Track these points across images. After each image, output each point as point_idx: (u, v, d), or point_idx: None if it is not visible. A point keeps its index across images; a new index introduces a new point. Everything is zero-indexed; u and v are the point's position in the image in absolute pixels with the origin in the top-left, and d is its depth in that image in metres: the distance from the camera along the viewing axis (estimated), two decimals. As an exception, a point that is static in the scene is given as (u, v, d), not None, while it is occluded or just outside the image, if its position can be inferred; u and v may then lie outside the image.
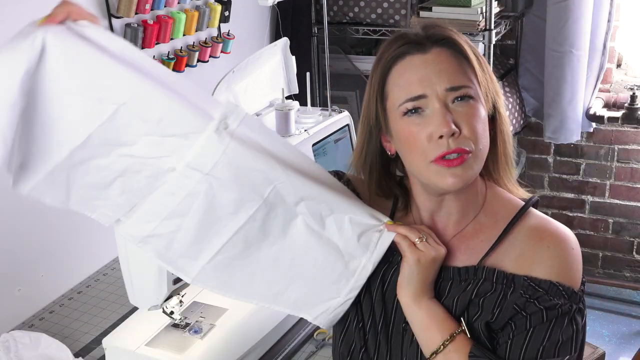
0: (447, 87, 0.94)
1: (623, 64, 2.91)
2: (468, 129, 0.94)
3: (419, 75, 0.96)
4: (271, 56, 1.71)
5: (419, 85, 0.95)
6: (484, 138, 0.96)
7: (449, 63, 0.96)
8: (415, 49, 0.97)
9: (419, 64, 0.97)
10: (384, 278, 1.05)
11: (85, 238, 1.91)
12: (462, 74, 0.96)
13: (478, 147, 0.95)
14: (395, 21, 2.59)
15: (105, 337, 1.48)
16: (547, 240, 0.99)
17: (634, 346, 2.73)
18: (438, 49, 0.97)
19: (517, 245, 1.00)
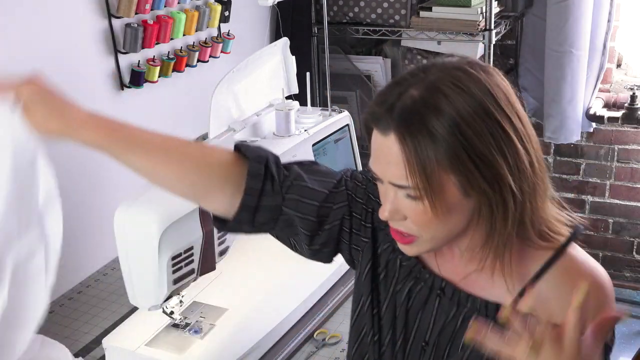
0: (390, 181, 0.89)
1: (623, 64, 2.91)
2: (413, 222, 0.90)
3: (374, 154, 0.91)
4: (271, 56, 1.71)
5: (373, 164, 0.92)
6: (439, 227, 0.90)
7: (398, 156, 0.86)
8: (377, 125, 0.89)
9: (376, 145, 0.90)
10: (410, 294, 1.02)
11: (85, 238, 1.90)
12: (412, 170, 0.85)
13: (428, 235, 0.91)
14: (395, 21, 2.59)
15: (105, 337, 1.48)
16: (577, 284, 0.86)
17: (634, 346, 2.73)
18: (394, 136, 0.86)
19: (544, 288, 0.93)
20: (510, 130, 0.86)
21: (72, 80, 1.83)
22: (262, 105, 1.70)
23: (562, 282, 0.93)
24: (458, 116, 0.83)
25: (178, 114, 2.23)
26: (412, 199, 0.88)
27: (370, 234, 1.07)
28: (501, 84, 0.88)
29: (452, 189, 0.86)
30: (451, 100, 0.84)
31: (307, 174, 1.09)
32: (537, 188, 0.91)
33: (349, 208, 1.07)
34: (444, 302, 1.00)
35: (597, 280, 0.94)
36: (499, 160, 0.85)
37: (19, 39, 1.67)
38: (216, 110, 1.55)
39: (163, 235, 1.23)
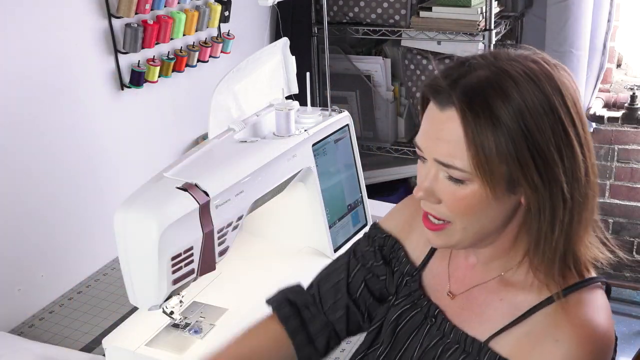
0: (435, 158, 0.86)
1: (623, 64, 2.91)
2: (448, 207, 0.88)
3: (426, 128, 0.88)
4: (271, 56, 1.70)
5: (422, 139, 0.89)
6: (474, 217, 0.87)
7: (453, 133, 0.82)
8: (436, 99, 0.86)
9: (430, 119, 0.87)
10: (401, 316, 1.04)
11: (85, 238, 1.91)
12: (463, 151, 0.82)
13: (461, 224, 0.88)
14: (395, 21, 2.58)
15: (105, 337, 1.48)
16: (560, 332, 0.84)
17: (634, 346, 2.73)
18: (453, 112, 0.83)
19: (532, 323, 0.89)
20: (572, 133, 0.83)
21: (72, 80, 1.83)
22: (262, 105, 1.70)
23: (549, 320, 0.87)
24: (524, 105, 0.80)
25: (178, 114, 2.23)
26: (454, 181, 0.85)
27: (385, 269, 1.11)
28: (571, 86, 0.86)
29: (499, 180, 0.83)
30: (520, 88, 0.81)
31: (323, 274, 1.17)
32: (588, 203, 0.87)
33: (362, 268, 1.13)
34: (432, 330, 1.01)
35: (583, 335, 0.84)
36: (556, 159, 0.82)
37: (19, 39, 1.67)
38: (216, 110, 1.55)
39: (163, 235, 1.23)
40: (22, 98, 1.70)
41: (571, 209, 0.85)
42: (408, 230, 1.11)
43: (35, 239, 1.77)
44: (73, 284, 1.85)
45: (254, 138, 1.57)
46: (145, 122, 2.11)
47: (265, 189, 1.51)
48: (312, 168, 1.67)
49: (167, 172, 1.35)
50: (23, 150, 1.72)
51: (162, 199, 1.27)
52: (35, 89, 1.73)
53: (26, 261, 1.75)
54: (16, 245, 1.72)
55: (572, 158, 0.83)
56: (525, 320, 0.89)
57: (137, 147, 2.08)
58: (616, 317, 2.94)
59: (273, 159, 1.52)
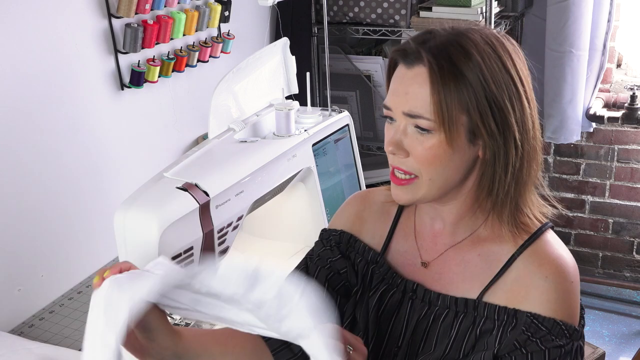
0: (403, 111, 0.94)
1: (623, 64, 2.91)
2: (416, 158, 0.94)
3: (394, 87, 0.96)
4: (271, 56, 1.70)
5: (390, 97, 0.97)
6: (439, 169, 0.94)
7: (421, 86, 0.92)
8: (403, 60, 0.95)
9: (399, 78, 0.96)
10: (381, 299, 1.05)
11: (85, 238, 1.91)
12: (428, 102, 0.91)
13: (427, 175, 0.95)
14: (395, 21, 2.59)
15: (105, 337, 1.48)
16: (545, 269, 0.96)
17: (634, 346, 2.73)
18: (421, 69, 0.92)
19: (515, 269, 0.98)
20: (521, 90, 0.95)
21: (72, 80, 1.83)
22: (262, 105, 1.70)
23: (531, 263, 0.97)
24: (482, 62, 0.92)
25: (178, 114, 2.23)
26: (421, 132, 0.93)
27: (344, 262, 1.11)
28: (517, 52, 0.98)
29: (460, 129, 0.92)
30: (479, 48, 0.93)
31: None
32: (535, 154, 0.98)
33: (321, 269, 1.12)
34: (416, 304, 1.03)
35: (561, 267, 0.97)
36: (509, 109, 0.93)
37: (19, 38, 1.67)
38: (216, 110, 1.55)
39: (163, 235, 1.23)
40: (22, 98, 1.70)
41: (521, 156, 0.95)
42: (360, 224, 1.13)
43: (36, 239, 1.77)
44: (73, 284, 1.85)
45: (254, 138, 1.57)
46: (145, 122, 2.11)
47: (265, 189, 1.51)
48: (312, 168, 1.67)
49: (167, 172, 1.35)
50: (23, 150, 1.72)
51: (162, 199, 1.27)
52: (35, 88, 1.73)
53: (26, 261, 1.75)
54: (16, 246, 1.72)
55: (521, 110, 0.94)
56: (509, 269, 0.98)
57: (137, 147, 2.08)
58: (616, 317, 2.96)
59: (273, 159, 1.52)
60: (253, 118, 1.63)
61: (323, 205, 1.72)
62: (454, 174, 0.96)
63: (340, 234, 1.13)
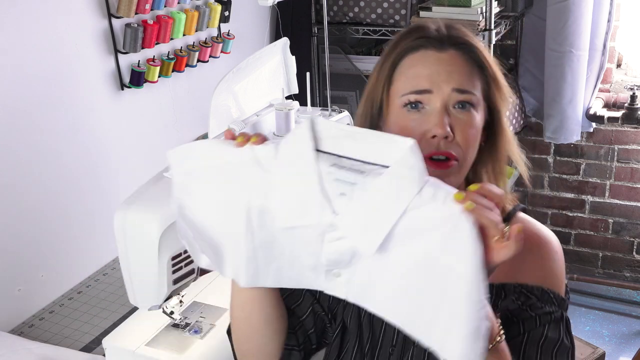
0: (454, 87, 0.94)
1: (623, 64, 2.91)
2: (461, 136, 0.94)
3: (429, 70, 0.96)
4: (271, 56, 1.70)
5: (427, 80, 0.95)
6: (473, 148, 0.97)
7: (461, 66, 0.96)
8: (433, 45, 0.97)
9: (432, 61, 0.96)
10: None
11: (85, 238, 1.91)
12: (470, 80, 0.96)
13: (466, 155, 0.96)
14: (395, 21, 2.58)
15: (105, 337, 1.48)
16: (528, 243, 0.95)
17: (634, 346, 2.73)
18: (454, 52, 0.97)
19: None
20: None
21: (72, 80, 1.83)
22: (262, 105, 1.70)
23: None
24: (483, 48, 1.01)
25: (178, 114, 2.23)
26: (467, 109, 0.95)
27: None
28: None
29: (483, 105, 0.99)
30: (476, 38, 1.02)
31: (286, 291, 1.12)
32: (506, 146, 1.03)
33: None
34: None
35: (542, 238, 1.00)
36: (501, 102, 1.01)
37: (19, 39, 1.67)
38: (216, 110, 1.55)
39: (163, 235, 1.23)
40: (23, 98, 1.70)
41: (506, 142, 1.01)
42: None
43: (36, 239, 1.77)
44: (73, 284, 1.85)
45: (254, 138, 1.57)
46: (145, 122, 2.11)
47: (265, 189, 1.50)
48: (312, 168, 1.67)
49: (167, 172, 1.35)
50: (23, 150, 1.72)
51: (162, 199, 1.27)
52: (35, 88, 1.73)
53: (26, 261, 1.75)
54: (16, 245, 1.72)
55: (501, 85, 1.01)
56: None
57: (137, 147, 2.08)
58: (616, 317, 2.96)
59: (273, 159, 1.51)
60: (253, 118, 1.63)
61: (323, 205, 1.71)
62: (474, 152, 0.98)
63: None
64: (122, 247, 1.27)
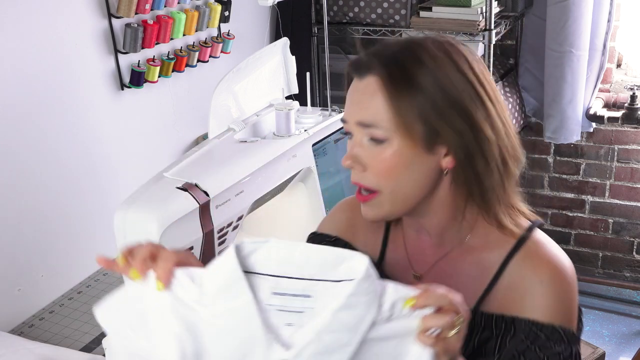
0: (357, 121, 0.91)
1: (623, 64, 2.91)
2: (373, 171, 0.91)
3: (348, 100, 0.94)
4: (271, 56, 1.70)
5: (346, 110, 0.94)
6: (399, 181, 0.91)
7: (373, 96, 0.89)
8: (356, 71, 0.93)
9: (352, 89, 0.93)
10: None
11: (85, 238, 1.91)
12: (384, 111, 0.88)
13: (387, 189, 0.91)
14: (395, 21, 2.58)
15: (105, 337, 1.48)
16: (539, 272, 0.93)
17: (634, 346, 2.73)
18: (373, 78, 0.90)
19: (508, 275, 0.94)
20: (481, 91, 0.91)
21: (72, 80, 1.83)
22: (262, 105, 1.70)
23: (524, 267, 0.94)
24: (436, 67, 0.89)
25: (178, 114, 2.23)
26: (376, 143, 0.90)
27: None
28: (476, 56, 0.94)
29: (416, 138, 0.89)
30: (431, 54, 0.90)
31: None
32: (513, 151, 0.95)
33: None
34: None
35: (556, 268, 0.94)
36: (474, 108, 0.90)
37: (19, 39, 1.67)
38: (216, 110, 1.55)
39: (163, 235, 1.23)
40: (22, 98, 1.70)
41: (500, 148, 0.92)
42: (352, 232, 1.10)
43: (35, 239, 1.77)
44: (73, 284, 1.85)
45: (254, 138, 1.57)
46: (145, 122, 2.11)
47: (265, 189, 1.51)
48: (312, 168, 1.67)
49: (167, 172, 1.35)
50: (23, 150, 1.72)
51: (162, 199, 1.27)
52: (35, 89, 1.73)
53: (26, 261, 1.75)
54: (16, 245, 1.72)
55: (485, 110, 0.91)
56: (502, 276, 0.95)
57: (137, 147, 2.08)
58: (616, 317, 2.96)
59: (273, 159, 1.52)
60: (253, 118, 1.63)
61: (323, 205, 1.71)
62: (416, 186, 0.92)
63: (335, 240, 1.10)
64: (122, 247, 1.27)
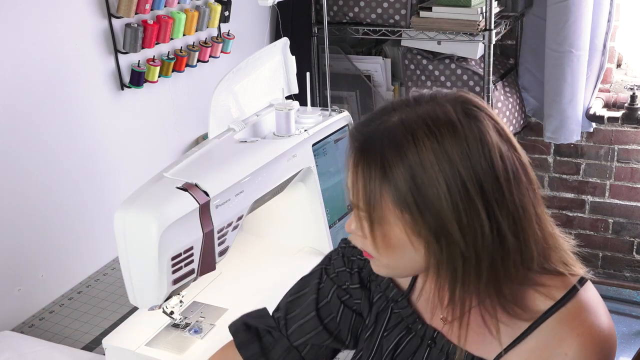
0: (350, 202, 0.90)
1: (623, 64, 2.91)
2: (368, 242, 0.90)
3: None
4: (271, 56, 1.70)
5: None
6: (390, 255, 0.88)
7: (357, 176, 0.86)
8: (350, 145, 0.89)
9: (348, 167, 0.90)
10: (398, 343, 1.01)
11: (85, 238, 1.91)
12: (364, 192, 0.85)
13: (382, 259, 0.90)
14: (395, 21, 2.58)
15: (105, 337, 1.48)
16: (566, 345, 0.84)
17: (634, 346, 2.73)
18: (355, 156, 0.86)
19: (536, 336, 0.87)
20: (478, 195, 0.81)
21: (72, 80, 1.83)
22: (262, 105, 1.70)
23: (552, 334, 0.86)
24: (417, 165, 0.81)
25: (178, 114, 2.23)
26: (367, 222, 0.88)
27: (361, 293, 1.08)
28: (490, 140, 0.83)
29: (398, 225, 0.84)
30: (419, 149, 0.81)
31: (291, 296, 1.12)
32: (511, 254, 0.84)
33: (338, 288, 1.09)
34: (434, 353, 0.98)
35: (587, 343, 0.85)
36: (448, 215, 0.81)
37: (19, 39, 1.67)
38: (216, 110, 1.55)
39: (163, 235, 1.23)
40: (22, 98, 1.70)
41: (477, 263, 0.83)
42: None
43: (36, 239, 1.77)
44: (73, 284, 1.85)
45: (254, 138, 1.57)
46: (145, 122, 2.11)
47: (265, 189, 1.51)
48: (312, 168, 1.67)
49: (167, 172, 1.35)
50: (23, 150, 1.72)
51: (162, 199, 1.27)
52: (35, 89, 1.73)
53: (26, 261, 1.75)
54: (16, 245, 1.72)
55: (474, 217, 0.81)
56: (529, 336, 0.88)
57: (137, 147, 2.08)
58: (616, 317, 2.96)
59: (273, 159, 1.52)
60: (253, 118, 1.63)
61: (323, 205, 1.71)
62: (413, 263, 0.88)
63: (366, 260, 1.04)
64: (122, 247, 1.27)
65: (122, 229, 1.25)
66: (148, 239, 1.23)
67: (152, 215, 1.23)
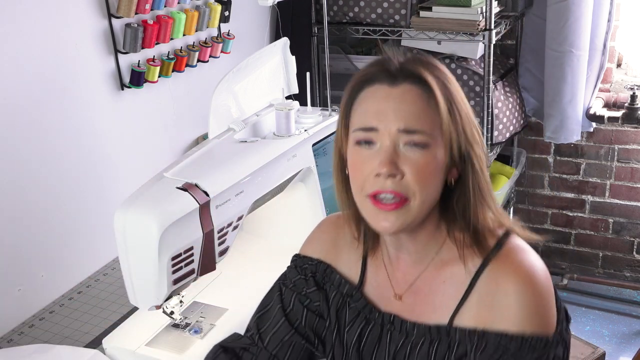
0: (399, 128, 0.90)
1: (623, 64, 2.91)
2: (412, 177, 0.91)
3: (377, 107, 0.93)
4: (271, 56, 1.70)
5: (375, 117, 0.92)
6: (430, 189, 0.92)
7: (412, 104, 0.91)
8: (385, 78, 0.93)
9: (381, 96, 0.93)
10: (361, 335, 1.05)
11: (85, 238, 1.91)
12: (423, 118, 0.91)
13: (420, 197, 0.91)
14: (395, 21, 2.58)
15: (105, 337, 1.48)
16: (505, 285, 0.92)
17: (634, 346, 2.73)
18: (409, 86, 0.92)
19: (479, 287, 0.95)
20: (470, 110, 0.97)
21: (72, 80, 1.84)
22: (262, 105, 1.70)
23: (493, 278, 0.94)
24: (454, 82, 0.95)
25: (178, 114, 2.23)
26: (418, 148, 0.91)
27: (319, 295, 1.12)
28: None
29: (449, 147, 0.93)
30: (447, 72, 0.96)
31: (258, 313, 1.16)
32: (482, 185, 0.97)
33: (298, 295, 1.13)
34: (394, 335, 1.02)
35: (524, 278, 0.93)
36: (469, 115, 0.95)
37: (19, 39, 1.67)
38: (216, 110, 1.55)
39: (163, 235, 1.23)
40: (22, 98, 1.70)
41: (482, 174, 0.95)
42: (335, 253, 1.12)
43: (36, 239, 1.77)
44: (73, 284, 1.85)
45: (254, 138, 1.57)
46: (145, 122, 2.11)
47: (265, 189, 1.51)
48: (312, 168, 1.67)
49: (167, 172, 1.35)
50: (23, 150, 1.72)
51: (162, 199, 1.27)
52: (35, 88, 1.73)
53: (26, 261, 1.75)
54: (17, 245, 1.72)
55: (472, 119, 0.96)
56: (473, 290, 0.95)
57: (137, 147, 2.08)
58: (616, 317, 2.96)
59: (273, 159, 1.52)
60: (253, 118, 1.63)
61: (323, 205, 1.71)
62: (436, 196, 0.94)
63: (317, 264, 1.12)
64: (122, 247, 1.27)
65: (122, 229, 1.25)
66: (148, 239, 1.23)
67: (152, 215, 1.23)
